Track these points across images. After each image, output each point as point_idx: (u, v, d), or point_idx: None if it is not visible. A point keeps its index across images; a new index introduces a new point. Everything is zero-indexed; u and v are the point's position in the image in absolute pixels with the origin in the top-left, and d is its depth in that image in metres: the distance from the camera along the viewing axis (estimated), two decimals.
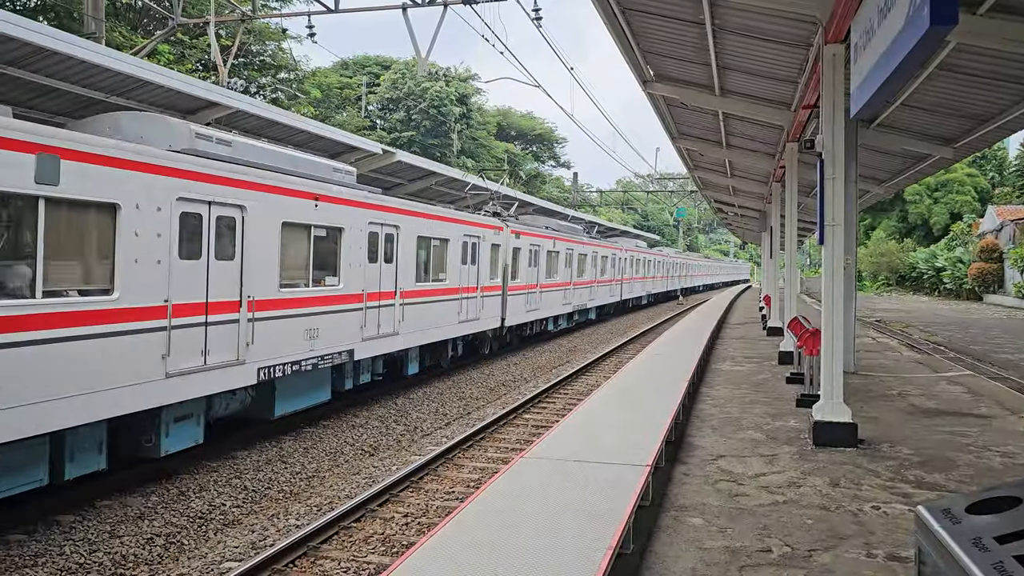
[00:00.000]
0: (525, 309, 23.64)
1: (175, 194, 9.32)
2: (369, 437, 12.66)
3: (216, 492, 9.58)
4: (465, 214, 19.30)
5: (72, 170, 7.91)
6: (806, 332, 12.74)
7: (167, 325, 9.22)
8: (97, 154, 8.22)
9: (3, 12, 9.65)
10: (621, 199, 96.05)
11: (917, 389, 14.64)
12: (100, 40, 16.09)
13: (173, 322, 9.31)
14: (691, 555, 6.20)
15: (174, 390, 9.39)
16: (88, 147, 8.14)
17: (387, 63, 65.87)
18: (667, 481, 8.26)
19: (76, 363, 8.07)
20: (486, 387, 17.69)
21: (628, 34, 12.76)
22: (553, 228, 27.99)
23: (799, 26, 10.86)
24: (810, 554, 6.24)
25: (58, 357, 7.85)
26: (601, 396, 11.93)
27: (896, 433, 10.69)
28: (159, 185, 9.07)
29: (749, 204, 34.75)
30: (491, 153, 67.61)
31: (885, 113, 14.42)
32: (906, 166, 19.26)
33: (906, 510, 7.31)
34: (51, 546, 7.73)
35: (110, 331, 8.47)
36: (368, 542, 7.89)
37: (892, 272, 77.16)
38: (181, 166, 9.44)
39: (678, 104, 17.05)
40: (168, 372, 9.24)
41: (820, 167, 9.94)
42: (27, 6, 28.31)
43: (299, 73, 41.58)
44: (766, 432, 10.70)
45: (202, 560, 7.57)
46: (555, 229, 28.02)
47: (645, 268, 45.99)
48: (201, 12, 28.81)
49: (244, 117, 13.53)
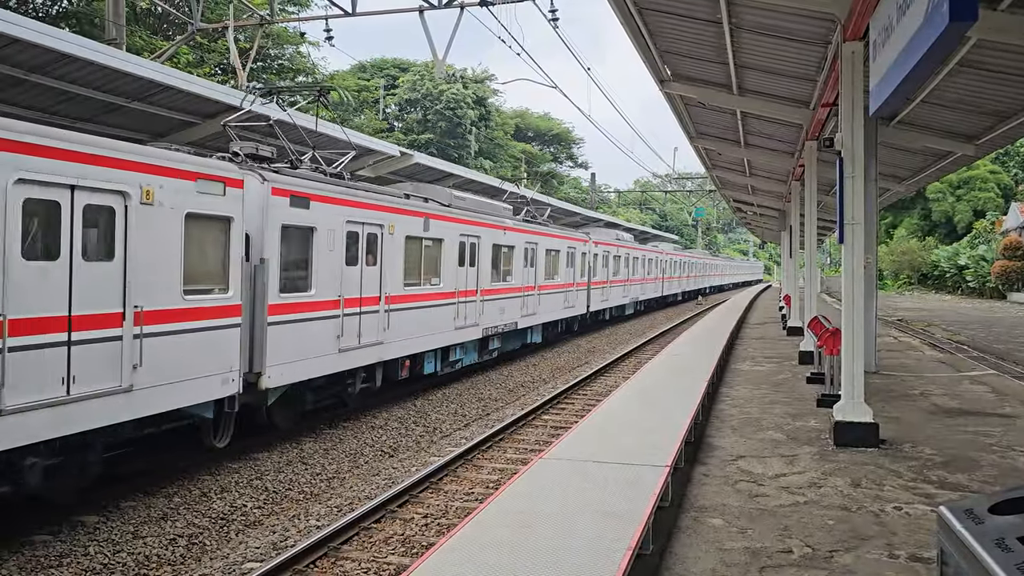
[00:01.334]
0: (600, 300, 31.19)
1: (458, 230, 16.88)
2: (388, 438, 12.71)
3: (237, 493, 9.66)
4: (568, 231, 28.05)
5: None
6: (826, 332, 12.65)
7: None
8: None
9: (27, 19, 9.79)
10: (639, 199, 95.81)
11: (939, 389, 14.49)
12: (121, 45, 16.26)
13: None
14: (711, 556, 6.18)
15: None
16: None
17: (405, 65, 66.12)
18: (686, 482, 8.24)
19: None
20: (505, 388, 17.71)
21: (645, 34, 12.73)
22: (616, 238, 35.21)
23: (817, 24, 10.79)
24: (831, 555, 6.20)
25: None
26: (620, 397, 11.91)
27: (918, 433, 10.60)
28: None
29: (768, 203, 34.53)
30: (508, 153, 67.66)
31: (905, 110, 14.29)
32: (927, 164, 19.07)
33: (928, 511, 7.25)
34: (76, 547, 7.83)
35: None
36: (388, 543, 7.93)
37: (913, 271, 76.40)
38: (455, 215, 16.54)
39: (696, 103, 16.98)
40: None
41: (839, 165, 9.87)
42: (49, 13, 28.68)
43: (317, 77, 41.82)
44: (786, 432, 10.64)
45: (224, 560, 7.63)
46: (618, 238, 35.46)
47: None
48: (220, 16, 29.07)
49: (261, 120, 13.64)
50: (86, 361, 8.01)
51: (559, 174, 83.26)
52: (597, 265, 30.30)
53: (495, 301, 19.51)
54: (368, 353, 13.45)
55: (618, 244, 34.13)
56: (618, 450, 8.43)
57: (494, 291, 19.46)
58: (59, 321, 7.76)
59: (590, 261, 29.21)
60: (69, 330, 7.85)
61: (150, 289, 8.77)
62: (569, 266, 26.31)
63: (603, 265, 31.27)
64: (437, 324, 16.31)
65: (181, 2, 31.02)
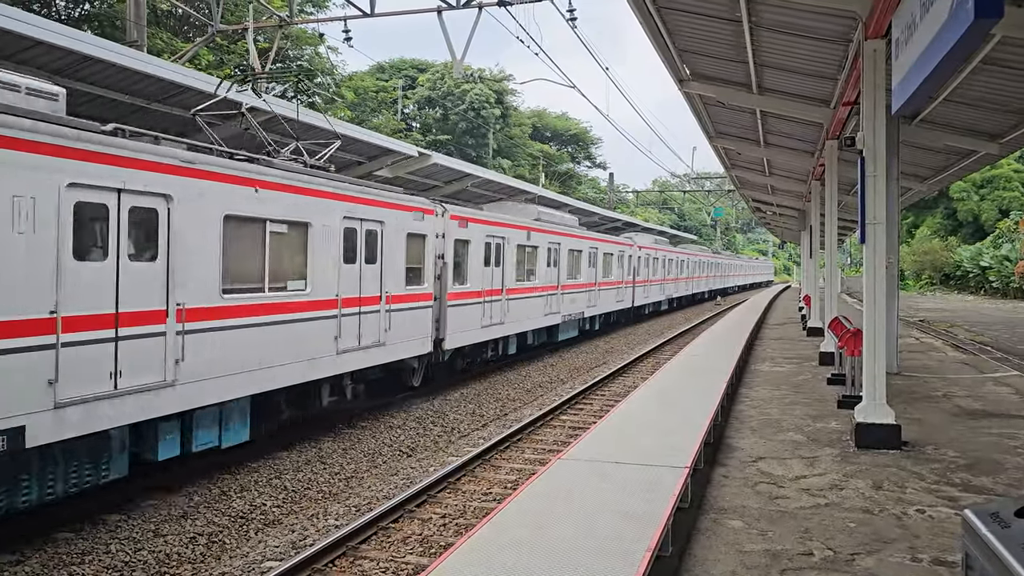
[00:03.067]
0: (643, 296, 36.18)
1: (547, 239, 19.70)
2: (407, 438, 12.74)
3: (257, 492, 9.71)
4: (619, 237, 33.44)
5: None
6: (847, 332, 12.54)
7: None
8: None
9: (50, 22, 9.89)
10: (657, 199, 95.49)
11: (963, 390, 14.33)
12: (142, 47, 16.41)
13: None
14: (731, 558, 6.13)
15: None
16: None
17: (423, 66, 66.28)
18: (706, 483, 8.19)
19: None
20: (523, 388, 17.69)
21: (664, 32, 12.68)
22: (654, 242, 39.83)
23: (838, 22, 10.70)
24: (853, 558, 6.14)
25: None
26: (639, 397, 11.87)
27: (941, 435, 10.48)
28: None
29: (788, 203, 34.31)
30: (526, 152, 67.65)
31: (928, 109, 14.14)
32: (950, 163, 18.87)
33: (952, 514, 7.16)
34: (97, 544, 7.89)
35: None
36: (406, 542, 7.94)
37: (936, 271, 75.60)
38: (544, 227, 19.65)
39: (715, 103, 16.89)
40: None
41: (861, 165, 9.78)
42: (71, 16, 28.99)
43: (336, 77, 41.99)
44: (807, 434, 10.55)
45: (243, 559, 7.67)
46: (655, 242, 40.17)
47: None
48: (239, 18, 29.26)
49: (282, 122, 13.70)
50: (359, 325, 12.63)
51: (577, 174, 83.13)
52: (640, 266, 35.32)
53: (570, 294, 24.43)
54: (497, 330, 18.71)
55: (656, 248, 39.17)
56: (637, 451, 8.40)
57: (569, 286, 24.36)
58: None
59: (635, 263, 34.17)
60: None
61: (395, 280, 13.64)
62: (619, 267, 31.17)
63: (645, 266, 36.25)
64: (534, 311, 21.29)
65: (201, 4, 31.28)
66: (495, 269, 18.30)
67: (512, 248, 19.39)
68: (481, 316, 17.61)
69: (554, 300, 22.86)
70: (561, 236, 23.44)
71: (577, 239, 25.30)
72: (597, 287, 27.78)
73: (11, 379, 7.06)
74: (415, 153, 18.52)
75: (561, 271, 23.33)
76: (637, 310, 35.89)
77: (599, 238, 28.77)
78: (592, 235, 27.86)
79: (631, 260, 33.27)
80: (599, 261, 27.98)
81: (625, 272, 32.14)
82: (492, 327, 18.36)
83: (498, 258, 18.50)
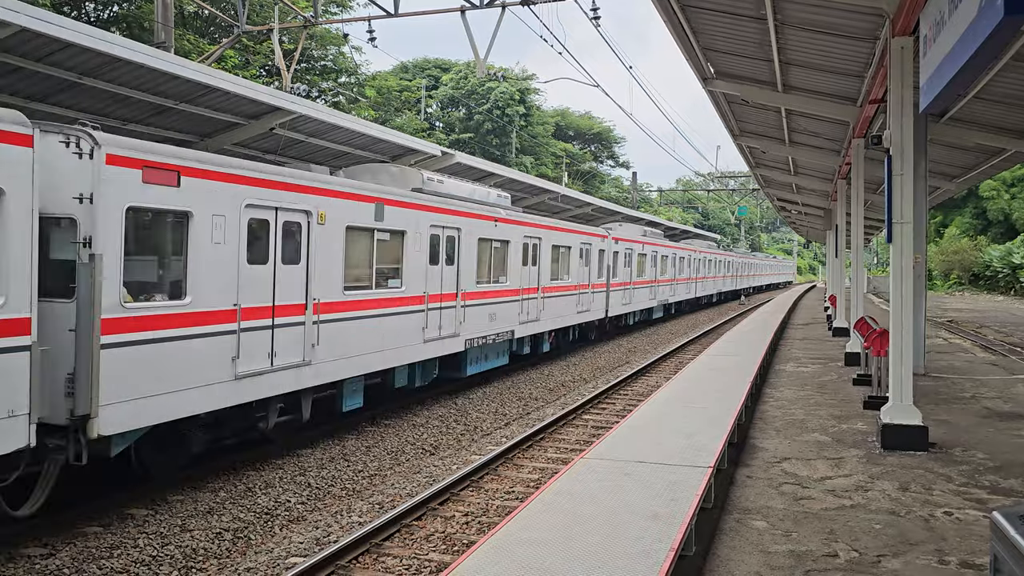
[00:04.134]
0: (687, 292, 39.61)
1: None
2: (430, 436, 12.79)
3: (281, 488, 9.80)
4: (695, 241, 39.72)
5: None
6: (874, 332, 12.42)
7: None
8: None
9: (80, 24, 10.02)
10: (681, 198, 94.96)
11: (991, 392, 14.14)
12: (170, 48, 16.58)
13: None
14: (755, 559, 6.10)
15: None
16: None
17: (446, 65, 66.41)
18: (729, 483, 8.15)
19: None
20: (545, 387, 17.70)
21: (688, 31, 12.62)
22: (705, 245, 45.26)
23: (865, 19, 10.59)
24: (879, 560, 6.09)
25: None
26: (662, 397, 11.84)
27: (969, 437, 10.35)
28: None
29: (813, 202, 34.02)
30: (549, 151, 67.58)
31: (957, 107, 13.96)
32: (979, 161, 18.62)
33: (980, 516, 7.08)
34: (126, 538, 8.00)
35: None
36: (429, 540, 7.97)
37: (964, 271, 74.48)
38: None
39: (739, 101, 16.79)
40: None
41: (888, 163, 9.68)
42: (100, 17, 29.38)
43: (359, 77, 42.20)
44: (832, 435, 10.47)
45: (268, 555, 7.75)
46: (706, 247, 45.27)
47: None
48: (265, 19, 29.52)
49: (307, 121, 13.77)
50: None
51: (600, 173, 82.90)
52: (705, 268, 41.27)
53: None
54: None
55: (709, 251, 44.69)
56: (660, 450, 8.38)
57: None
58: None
59: (697, 264, 39.45)
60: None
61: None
62: (689, 267, 35.61)
63: (689, 266, 39.59)
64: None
65: (227, 5, 31.57)
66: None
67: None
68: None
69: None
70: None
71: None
72: (675, 281, 32.14)
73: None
74: (438, 152, 18.55)
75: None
76: (693, 301, 40.22)
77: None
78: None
79: (686, 263, 36.32)
80: (659, 262, 31.43)
81: (684, 271, 36.20)
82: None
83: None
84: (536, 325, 19.65)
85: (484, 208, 16.95)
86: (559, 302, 21.30)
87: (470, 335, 15.89)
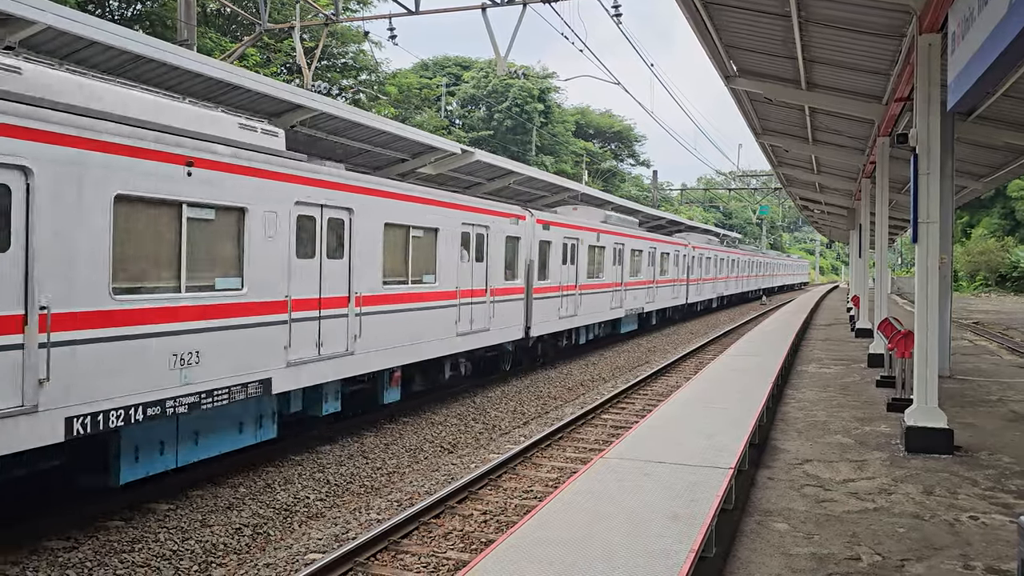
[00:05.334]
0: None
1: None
2: (448, 434, 12.79)
3: (300, 485, 9.83)
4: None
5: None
6: (898, 334, 12.27)
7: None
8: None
9: (104, 22, 10.09)
10: (702, 197, 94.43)
11: (1018, 395, 13.92)
12: (192, 46, 16.68)
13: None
14: (776, 561, 6.04)
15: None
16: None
17: (466, 63, 66.41)
18: (750, 485, 8.08)
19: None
20: (564, 387, 17.65)
21: (710, 28, 12.52)
22: (734, 245, 49.81)
23: (891, 16, 10.45)
24: (902, 564, 6.00)
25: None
26: (682, 397, 11.76)
27: (995, 440, 10.20)
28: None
29: (836, 201, 33.68)
30: (569, 149, 67.41)
31: (985, 105, 13.74)
32: (1007, 160, 18.34)
33: (1007, 521, 6.96)
34: (147, 532, 8.06)
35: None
36: (447, 538, 7.96)
37: (991, 272, 73.50)
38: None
39: (762, 99, 16.64)
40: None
41: (914, 162, 9.55)
42: (124, 15, 29.65)
43: (380, 75, 42.30)
44: (855, 437, 10.35)
45: (288, 551, 7.77)
46: (734, 246, 49.84)
47: None
48: (286, 17, 29.64)
49: (328, 119, 13.81)
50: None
51: (620, 171, 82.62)
52: (734, 269, 45.78)
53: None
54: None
55: (742, 252, 49.34)
56: (680, 451, 8.32)
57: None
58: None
59: (730, 265, 44.00)
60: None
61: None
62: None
63: (732, 265, 45.59)
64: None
65: (249, 3, 31.75)
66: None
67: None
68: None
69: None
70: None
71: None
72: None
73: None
74: (458, 150, 18.53)
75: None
76: (729, 298, 44.86)
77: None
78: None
79: (727, 262, 41.22)
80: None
81: (715, 272, 39.68)
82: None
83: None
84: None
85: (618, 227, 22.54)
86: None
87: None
